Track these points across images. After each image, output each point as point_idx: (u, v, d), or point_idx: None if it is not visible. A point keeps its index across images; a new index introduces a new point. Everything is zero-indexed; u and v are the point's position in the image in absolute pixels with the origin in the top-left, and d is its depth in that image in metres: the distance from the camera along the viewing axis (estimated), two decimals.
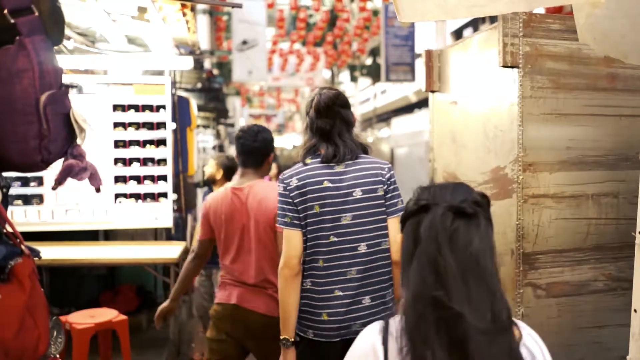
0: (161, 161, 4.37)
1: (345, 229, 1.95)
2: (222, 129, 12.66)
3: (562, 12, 4.66)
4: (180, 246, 4.19)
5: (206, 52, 10.36)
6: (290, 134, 30.60)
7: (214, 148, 10.82)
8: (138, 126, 4.33)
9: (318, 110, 2.03)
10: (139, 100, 4.33)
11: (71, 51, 3.98)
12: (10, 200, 1.74)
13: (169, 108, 4.39)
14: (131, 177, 4.32)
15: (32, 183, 4.15)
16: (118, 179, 4.30)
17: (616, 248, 2.00)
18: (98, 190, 1.72)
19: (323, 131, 2.02)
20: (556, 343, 1.93)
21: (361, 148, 2.07)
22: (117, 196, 4.30)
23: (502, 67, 1.93)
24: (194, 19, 5.11)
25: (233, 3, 3.36)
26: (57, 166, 1.54)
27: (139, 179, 4.33)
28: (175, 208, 4.85)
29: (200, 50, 6.08)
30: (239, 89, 19.26)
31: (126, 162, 4.32)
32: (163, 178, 4.37)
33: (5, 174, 1.47)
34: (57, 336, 1.51)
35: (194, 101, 5.94)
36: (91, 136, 1.56)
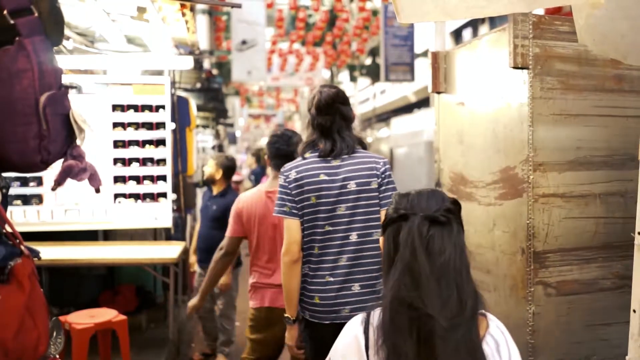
0: (160, 161, 4.36)
1: (339, 219, 2.09)
2: (222, 129, 12.65)
3: (561, 13, 4.66)
4: (179, 246, 4.18)
5: (205, 52, 10.36)
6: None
7: (214, 148, 10.83)
8: (137, 126, 4.32)
9: (319, 108, 2.16)
10: (139, 100, 4.32)
11: (70, 51, 3.97)
12: (9, 200, 1.74)
13: (168, 108, 4.38)
14: (130, 177, 4.32)
15: (32, 183, 4.14)
16: (117, 179, 4.29)
17: (623, 247, 2.00)
18: (97, 190, 1.72)
19: (323, 127, 2.16)
20: (566, 341, 1.96)
21: (359, 143, 2.20)
22: (117, 196, 4.29)
23: (513, 68, 1.94)
24: (194, 19, 5.10)
25: (232, 3, 3.36)
26: (57, 166, 1.54)
27: (139, 179, 4.33)
28: (174, 208, 4.85)
29: (199, 50, 6.07)
30: (239, 89, 19.27)
31: (125, 162, 4.31)
32: (162, 178, 4.36)
33: (4, 174, 1.47)
34: (57, 336, 1.51)
35: (194, 101, 5.93)
36: (90, 137, 1.56)
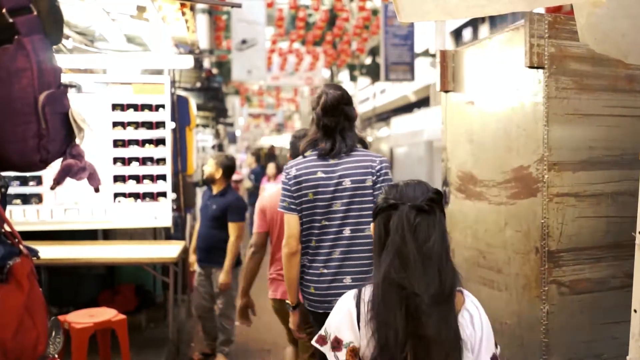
0: (160, 160, 4.35)
1: (334, 215, 2.23)
2: (222, 128, 12.66)
3: (562, 12, 4.65)
4: (179, 245, 4.18)
5: (205, 52, 10.36)
6: (289, 133, 30.57)
7: (213, 147, 10.84)
8: (137, 125, 4.32)
9: (325, 109, 2.27)
10: (138, 99, 4.32)
11: (70, 50, 3.96)
12: (8, 199, 1.74)
13: (168, 107, 4.38)
14: (130, 177, 4.32)
15: (31, 182, 4.14)
16: (117, 179, 4.29)
17: (632, 246, 2.00)
18: (97, 189, 1.71)
19: (328, 128, 2.28)
20: (578, 339, 1.96)
21: (360, 142, 2.33)
22: (116, 195, 4.29)
23: (528, 68, 1.93)
24: (193, 18, 5.10)
25: (232, 2, 3.36)
26: (56, 166, 1.53)
27: (138, 179, 4.32)
28: (174, 207, 4.84)
29: (199, 49, 6.07)
30: (238, 88, 19.28)
31: (125, 162, 4.31)
32: (162, 177, 4.35)
33: (4, 174, 1.46)
34: (56, 336, 1.51)
35: (193, 100, 5.93)
36: (90, 136, 1.55)
